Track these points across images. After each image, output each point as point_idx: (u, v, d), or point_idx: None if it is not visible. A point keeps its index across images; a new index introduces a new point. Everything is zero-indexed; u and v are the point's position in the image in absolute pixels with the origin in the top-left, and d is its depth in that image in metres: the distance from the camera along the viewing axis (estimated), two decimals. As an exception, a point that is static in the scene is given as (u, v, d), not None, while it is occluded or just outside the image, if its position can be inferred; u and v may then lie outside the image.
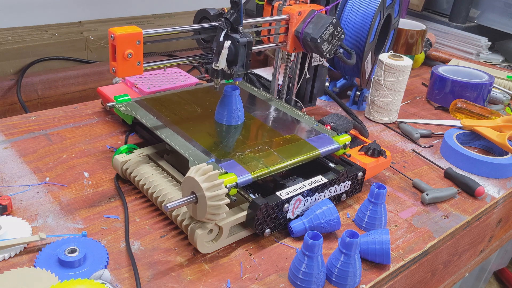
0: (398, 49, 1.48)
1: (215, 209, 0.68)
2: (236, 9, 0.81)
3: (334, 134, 0.90)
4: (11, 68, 1.29)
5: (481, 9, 1.89)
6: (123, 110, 0.91)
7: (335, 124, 0.93)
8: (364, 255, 0.74)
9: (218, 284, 0.68)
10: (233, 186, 0.72)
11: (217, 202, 0.67)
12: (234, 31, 0.82)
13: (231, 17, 0.81)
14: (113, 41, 0.75)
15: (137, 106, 0.93)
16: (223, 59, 0.80)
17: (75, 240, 0.71)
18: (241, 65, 0.83)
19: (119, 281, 0.66)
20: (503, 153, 1.07)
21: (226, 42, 0.79)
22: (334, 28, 0.95)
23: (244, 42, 0.81)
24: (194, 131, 0.87)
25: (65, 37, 1.36)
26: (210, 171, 0.68)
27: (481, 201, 0.94)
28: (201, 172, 0.68)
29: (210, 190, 0.67)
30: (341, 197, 0.86)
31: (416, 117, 1.27)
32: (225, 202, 0.68)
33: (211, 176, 0.68)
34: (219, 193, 0.67)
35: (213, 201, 0.67)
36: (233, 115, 0.90)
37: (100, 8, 1.47)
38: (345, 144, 0.89)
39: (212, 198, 0.67)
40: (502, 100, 1.38)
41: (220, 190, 0.68)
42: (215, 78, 0.85)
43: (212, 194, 0.67)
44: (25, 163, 0.90)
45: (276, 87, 1.09)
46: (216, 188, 0.67)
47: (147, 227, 0.77)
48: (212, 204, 0.67)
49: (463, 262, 0.98)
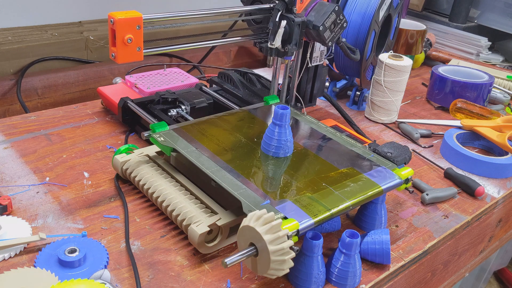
0: (398, 49, 1.48)
1: (279, 265, 0.59)
2: None
3: (394, 166, 0.81)
4: (11, 68, 1.29)
5: (481, 9, 1.89)
6: (161, 141, 0.81)
7: (392, 155, 0.84)
8: (364, 255, 0.74)
9: (218, 284, 0.68)
10: (294, 233, 0.63)
11: (281, 257, 0.59)
12: (288, 11, 0.90)
13: None
14: (112, 26, 0.74)
15: (177, 136, 0.83)
16: (279, 38, 0.88)
17: (75, 240, 0.71)
18: (294, 43, 0.90)
19: (119, 281, 0.66)
20: (503, 153, 1.07)
21: (283, 22, 0.86)
22: (336, 15, 0.94)
23: (298, 21, 0.89)
24: (241, 165, 0.78)
25: (65, 37, 1.36)
26: (271, 220, 0.60)
27: (481, 201, 0.94)
28: (262, 221, 0.59)
29: (273, 244, 0.59)
30: (341, 197, 0.85)
31: (416, 117, 1.27)
32: (290, 257, 0.60)
33: (274, 227, 0.59)
34: (284, 246, 0.59)
35: (277, 255, 0.59)
36: (282, 146, 0.80)
37: (100, 8, 1.47)
38: (407, 178, 0.79)
39: (276, 253, 0.59)
40: (502, 100, 1.38)
41: (285, 243, 0.59)
42: (269, 55, 0.92)
43: (276, 248, 0.58)
44: (25, 163, 0.90)
45: (276, 87, 1.09)
46: (280, 241, 0.59)
47: (147, 227, 0.77)
48: (276, 259, 0.59)
49: (463, 262, 0.98)
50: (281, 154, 0.81)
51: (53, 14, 1.39)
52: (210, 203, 0.76)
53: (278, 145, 0.80)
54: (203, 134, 0.86)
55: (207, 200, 0.77)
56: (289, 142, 0.81)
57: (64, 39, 1.36)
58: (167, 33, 1.55)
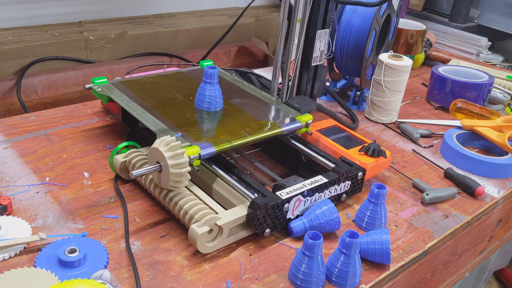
0: (398, 49, 1.48)
1: (178, 177, 0.73)
2: None
3: (298, 113, 0.97)
4: (11, 68, 1.29)
5: (481, 9, 1.89)
6: (99, 91, 0.96)
7: (299, 105, 0.99)
8: (364, 255, 0.74)
9: (218, 284, 0.68)
10: (197, 157, 0.78)
11: (179, 170, 0.73)
12: None
13: None
14: None
15: (113, 88, 0.98)
16: None
17: (75, 240, 0.71)
18: None
19: (119, 281, 0.66)
20: (503, 153, 1.07)
21: None
22: None
23: None
24: (169, 112, 0.91)
25: (65, 37, 1.36)
26: (172, 142, 0.74)
27: (481, 201, 0.94)
28: (165, 143, 0.74)
29: (172, 159, 0.72)
30: (341, 197, 0.86)
31: (416, 117, 1.27)
32: (186, 170, 0.74)
33: (174, 146, 0.73)
34: (181, 161, 0.73)
35: (175, 169, 0.72)
36: (212, 101, 0.94)
37: (100, 8, 1.47)
38: (307, 122, 0.95)
39: (175, 166, 0.72)
40: (502, 100, 1.38)
41: (182, 159, 0.73)
42: None
43: (174, 162, 0.72)
44: (25, 163, 0.90)
45: (276, 87, 1.09)
46: (178, 157, 0.73)
47: (147, 227, 0.77)
48: (174, 171, 0.72)
49: (463, 262, 0.98)
50: (212, 109, 0.94)
51: (53, 14, 1.40)
52: (210, 203, 0.76)
53: (209, 100, 0.93)
54: (140, 89, 0.99)
55: (207, 200, 0.77)
56: (218, 98, 0.94)
57: (64, 39, 1.36)
58: (166, 33, 1.55)
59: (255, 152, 1.01)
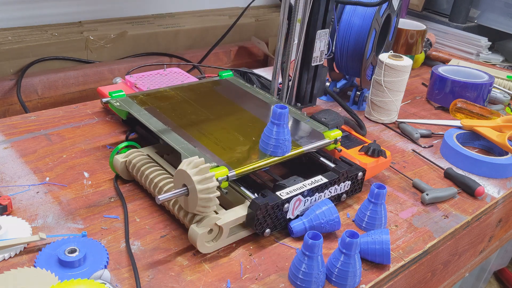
0: (398, 49, 1.48)
1: (206, 202, 0.69)
2: None
3: (325, 129, 0.91)
4: (11, 68, 1.29)
5: (481, 9, 1.89)
6: (117, 105, 0.93)
7: (326, 120, 0.95)
8: (364, 255, 0.74)
9: (218, 284, 0.68)
10: (224, 179, 0.74)
11: (207, 195, 0.68)
12: None
13: None
14: None
15: (131, 102, 0.94)
16: None
17: (75, 240, 0.71)
18: None
19: (119, 281, 0.66)
20: (503, 153, 1.07)
21: None
22: None
23: None
24: (192, 128, 0.86)
25: (65, 37, 1.36)
26: (201, 164, 0.69)
27: (481, 201, 0.94)
28: (193, 165, 0.69)
29: (201, 183, 0.68)
30: (341, 197, 0.86)
31: (416, 117, 1.27)
32: (215, 195, 0.69)
33: (203, 169, 0.69)
34: (210, 186, 0.68)
35: (204, 194, 0.68)
36: (280, 145, 0.81)
37: (100, 8, 1.47)
38: (336, 139, 0.89)
39: (203, 191, 0.68)
40: (502, 100, 1.38)
41: (211, 183, 0.69)
42: None
43: (203, 187, 0.68)
44: (25, 163, 0.90)
45: (276, 87, 1.09)
46: (207, 181, 0.69)
47: (147, 227, 0.77)
48: (203, 197, 0.68)
49: (463, 262, 0.98)
50: (279, 154, 0.81)
51: (53, 14, 1.40)
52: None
53: (276, 144, 0.81)
54: (160, 101, 0.96)
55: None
56: (287, 141, 0.81)
57: (64, 39, 1.36)
58: (166, 33, 1.55)
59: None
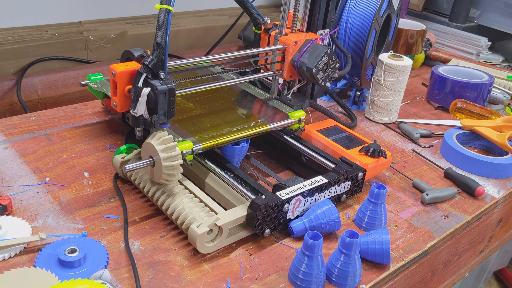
0: (398, 49, 1.48)
1: (170, 169, 0.74)
2: (158, 52, 0.74)
3: (291, 110, 0.97)
4: (11, 68, 1.29)
5: (481, 9, 1.89)
6: (94, 87, 0.98)
7: (292, 102, 0.99)
8: (364, 255, 0.74)
9: (218, 284, 0.68)
10: (189, 152, 0.79)
11: (171, 162, 0.73)
12: (154, 76, 0.75)
13: (150, 63, 0.73)
14: (114, 77, 0.76)
15: (108, 84, 0.98)
16: (142, 107, 0.75)
17: (75, 240, 0.71)
18: (162, 113, 0.76)
19: (119, 281, 0.66)
20: (503, 153, 1.07)
21: (145, 89, 0.73)
22: (329, 57, 0.97)
23: (163, 90, 0.74)
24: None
25: (65, 37, 1.36)
26: (164, 136, 0.74)
27: (481, 201, 0.94)
28: (157, 137, 0.74)
29: (164, 152, 0.73)
30: (341, 197, 0.86)
31: (416, 117, 1.27)
32: (178, 163, 0.74)
33: (166, 140, 0.74)
34: (173, 154, 0.73)
35: (167, 161, 0.73)
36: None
37: (100, 8, 1.47)
38: (300, 119, 0.95)
39: (167, 159, 0.73)
40: (502, 100, 1.38)
41: (173, 152, 0.74)
42: (136, 126, 0.80)
43: (166, 155, 0.73)
44: (25, 163, 0.90)
45: (277, 87, 1.09)
46: (170, 150, 0.74)
47: (147, 227, 0.77)
48: (166, 164, 0.73)
49: (463, 262, 0.98)
50: None
51: (53, 14, 1.39)
52: (210, 203, 0.76)
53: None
54: None
55: (207, 200, 0.77)
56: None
57: (64, 39, 1.35)
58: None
59: (255, 153, 1.01)
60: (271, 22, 1.02)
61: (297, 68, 0.99)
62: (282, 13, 1.00)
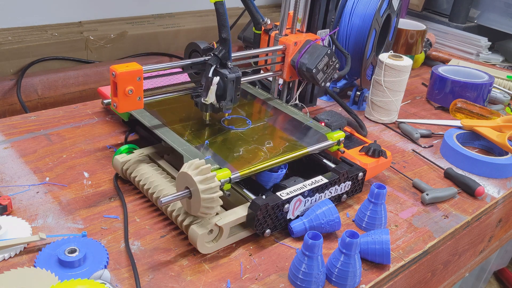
0: (398, 49, 1.48)
1: (209, 202, 0.68)
2: (225, 45, 0.83)
3: (328, 130, 0.91)
4: (11, 68, 1.29)
5: (481, 9, 1.89)
6: None
7: (329, 121, 0.94)
8: (364, 255, 0.74)
9: (218, 284, 0.68)
10: (227, 181, 0.73)
11: (210, 195, 0.68)
12: (223, 66, 0.84)
13: (220, 53, 0.83)
14: (114, 78, 0.76)
15: None
16: (212, 95, 0.82)
17: (75, 240, 0.71)
18: (229, 99, 0.84)
19: (119, 281, 0.66)
20: (503, 153, 1.07)
21: (215, 78, 0.81)
22: (329, 58, 0.97)
23: (232, 78, 0.83)
24: (190, 130, 0.87)
25: (65, 37, 1.36)
26: (202, 165, 0.69)
27: (481, 201, 0.94)
28: (194, 166, 0.69)
29: (203, 183, 0.67)
30: (342, 197, 0.86)
31: (416, 117, 1.27)
32: (218, 195, 0.69)
33: (204, 170, 0.68)
34: (212, 186, 0.68)
35: (206, 194, 0.67)
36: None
37: (100, 8, 1.47)
38: (339, 140, 0.89)
39: (206, 191, 0.67)
40: (502, 100, 1.38)
41: (213, 183, 0.68)
42: (204, 111, 0.86)
43: (205, 187, 0.67)
44: (25, 163, 0.90)
45: (277, 87, 1.09)
46: (209, 181, 0.68)
47: (147, 227, 0.77)
48: (205, 197, 0.67)
49: (463, 262, 0.98)
50: None
51: (53, 14, 1.39)
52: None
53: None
54: (161, 105, 0.95)
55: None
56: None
57: (64, 39, 1.36)
58: (166, 33, 1.55)
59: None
60: (271, 23, 1.02)
61: (297, 69, 0.99)
62: (282, 14, 1.00)
